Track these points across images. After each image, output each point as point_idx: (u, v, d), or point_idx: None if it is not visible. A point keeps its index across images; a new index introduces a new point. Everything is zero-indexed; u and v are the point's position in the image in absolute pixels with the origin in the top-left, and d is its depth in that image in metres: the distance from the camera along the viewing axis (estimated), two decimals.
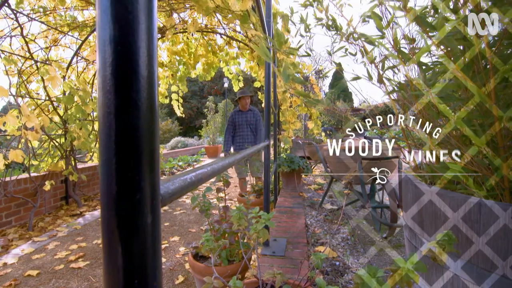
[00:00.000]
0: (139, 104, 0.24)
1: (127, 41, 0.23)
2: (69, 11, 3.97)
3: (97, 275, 2.42)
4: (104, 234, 0.25)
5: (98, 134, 0.25)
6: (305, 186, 5.08)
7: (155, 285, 0.26)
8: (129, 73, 0.23)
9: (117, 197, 0.23)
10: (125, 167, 0.23)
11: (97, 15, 0.23)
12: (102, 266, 0.25)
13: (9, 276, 2.41)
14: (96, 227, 3.55)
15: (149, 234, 0.25)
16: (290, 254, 1.89)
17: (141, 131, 0.24)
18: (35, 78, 3.79)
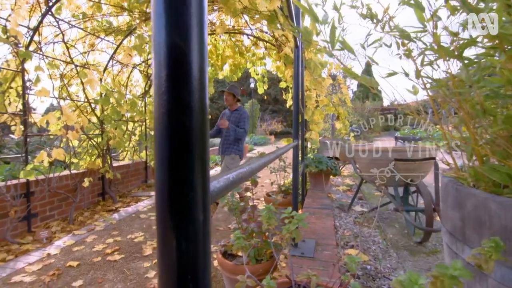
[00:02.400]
0: (192, 105, 0.24)
1: (180, 45, 0.24)
2: (105, 17, 4.20)
3: (131, 268, 2.53)
4: (159, 231, 0.25)
5: (154, 134, 0.25)
6: (333, 187, 4.97)
7: (205, 280, 0.26)
8: (183, 75, 0.24)
9: (172, 196, 0.24)
10: (179, 166, 0.24)
11: (153, 20, 0.24)
12: (157, 261, 0.26)
13: (53, 266, 2.59)
14: (130, 222, 3.72)
15: (201, 231, 0.26)
16: (319, 256, 1.86)
17: (194, 131, 0.25)
18: (75, 81, 4.04)
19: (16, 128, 3.16)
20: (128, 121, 4.85)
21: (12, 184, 3.13)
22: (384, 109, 29.48)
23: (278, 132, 29.94)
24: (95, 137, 4.32)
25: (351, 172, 6.72)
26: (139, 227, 3.54)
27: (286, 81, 5.17)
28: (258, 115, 29.25)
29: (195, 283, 0.25)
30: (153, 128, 1.61)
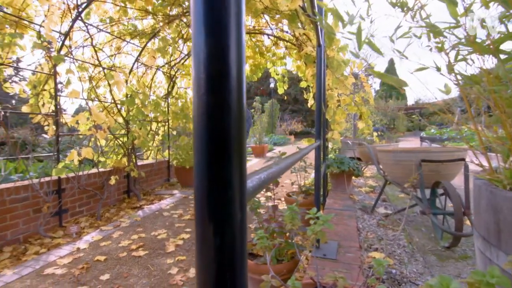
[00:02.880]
0: (231, 105, 0.25)
1: (220, 46, 0.24)
2: (130, 20, 4.34)
3: (155, 264, 2.60)
4: (198, 229, 0.26)
5: (193, 134, 0.26)
6: (356, 188, 4.87)
7: (242, 279, 0.27)
8: (222, 75, 0.24)
9: (211, 194, 0.25)
10: (218, 165, 0.25)
11: (192, 22, 0.25)
12: (196, 259, 0.27)
13: (82, 259, 2.71)
14: (154, 219, 3.82)
15: (238, 230, 0.26)
16: (342, 258, 1.83)
17: (232, 131, 0.25)
18: (103, 83, 4.21)
19: (49, 128, 3.34)
20: (151, 121, 5.00)
21: (45, 181, 3.31)
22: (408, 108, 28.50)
23: (298, 132, 29.71)
24: (121, 137, 4.49)
25: (374, 173, 6.55)
26: (162, 225, 3.64)
27: (306, 81, 5.12)
28: (277, 115, 29.16)
29: (232, 281, 0.25)
30: (175, 128, 1.64)
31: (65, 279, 2.37)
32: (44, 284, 2.28)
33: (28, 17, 3.28)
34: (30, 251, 2.88)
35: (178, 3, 4.07)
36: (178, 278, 2.37)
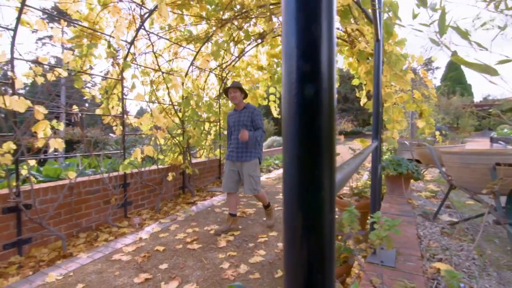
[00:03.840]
0: (322, 106, 0.25)
1: (311, 48, 0.25)
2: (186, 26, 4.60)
3: (208, 258, 2.73)
4: (287, 229, 0.27)
5: (283, 134, 0.27)
6: (415, 192, 4.52)
7: (331, 280, 0.27)
8: (313, 75, 0.25)
9: (303, 195, 0.25)
10: (311, 166, 0.25)
11: (283, 23, 0.26)
12: (284, 258, 0.27)
13: (143, 249, 2.95)
14: (207, 215, 4.01)
15: (328, 232, 0.27)
16: (401, 267, 1.72)
17: (323, 131, 0.25)
18: (162, 86, 4.54)
19: (117, 128, 3.71)
20: (204, 121, 5.24)
21: (113, 176, 3.68)
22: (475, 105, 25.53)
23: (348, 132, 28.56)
24: (177, 136, 4.79)
25: (436, 177, 6.00)
26: (214, 220, 3.79)
27: (359, 78, 4.90)
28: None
29: (323, 282, 0.25)
30: (226, 127, 1.69)
31: (130, 265, 2.60)
32: (112, 269, 2.54)
33: (101, 28, 3.68)
34: (101, 238, 3.22)
35: (230, 7, 4.21)
36: (230, 272, 2.45)
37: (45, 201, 2.95)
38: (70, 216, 3.20)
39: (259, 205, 4.50)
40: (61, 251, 2.87)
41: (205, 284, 2.28)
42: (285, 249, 0.27)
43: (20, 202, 2.69)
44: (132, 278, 2.36)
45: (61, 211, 3.12)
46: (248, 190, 3.34)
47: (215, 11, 4.16)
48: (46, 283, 2.29)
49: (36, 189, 2.88)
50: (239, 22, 4.82)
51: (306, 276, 0.25)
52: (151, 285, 2.26)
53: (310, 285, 0.25)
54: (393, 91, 4.32)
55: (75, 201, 3.25)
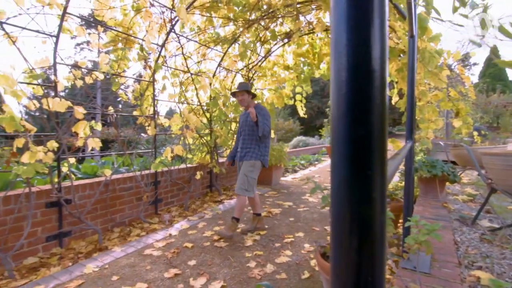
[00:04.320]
0: (373, 105, 0.25)
1: (362, 45, 0.24)
2: (214, 28, 4.69)
3: (235, 256, 2.76)
4: (335, 230, 0.27)
5: (331, 133, 0.27)
6: (450, 195, 4.28)
7: (382, 285, 0.26)
8: (365, 73, 0.24)
9: (354, 196, 0.25)
10: (362, 165, 0.25)
11: (333, 19, 0.26)
12: (331, 261, 0.27)
13: (173, 244, 3.05)
14: (233, 214, 4.05)
15: (379, 234, 0.26)
16: (437, 273, 1.63)
17: (375, 129, 0.25)
18: (191, 87, 4.65)
19: (149, 128, 3.86)
20: (231, 121, 5.31)
21: (145, 174, 3.83)
22: None
23: None
24: (205, 136, 4.89)
25: (474, 179, 5.64)
26: (240, 219, 3.83)
27: (390, 76, 4.72)
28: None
29: (373, 285, 0.25)
30: None
31: (160, 260, 2.70)
32: (144, 263, 2.64)
33: (134, 33, 3.84)
34: (133, 233, 3.37)
35: (257, 8, 4.23)
36: (256, 271, 2.46)
37: (83, 197, 3.14)
38: (105, 211, 3.38)
39: (285, 205, 4.48)
40: (97, 244, 3.04)
41: (232, 282, 2.31)
42: (332, 251, 0.27)
43: (61, 197, 2.88)
44: (163, 273, 2.45)
45: (97, 207, 3.30)
46: (238, 188, 3.24)
47: (242, 12, 4.20)
48: (84, 274, 2.44)
49: (76, 185, 3.08)
50: (265, 22, 4.83)
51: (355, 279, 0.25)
52: (180, 281, 2.33)
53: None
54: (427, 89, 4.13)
55: (110, 197, 3.43)
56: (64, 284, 2.28)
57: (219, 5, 4.10)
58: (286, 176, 7.08)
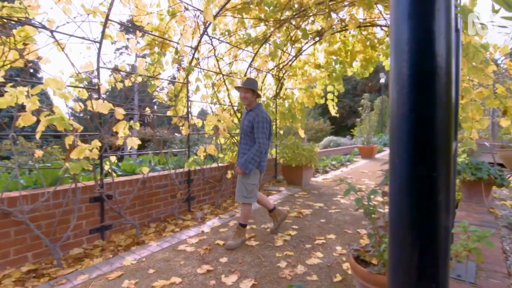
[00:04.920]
0: (439, 104, 0.24)
1: (427, 42, 0.23)
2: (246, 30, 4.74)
3: (265, 255, 2.77)
4: (394, 234, 0.26)
5: (391, 132, 0.26)
6: (497, 200, 3.96)
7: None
8: (429, 71, 0.24)
9: (415, 199, 0.24)
10: (425, 167, 0.24)
11: (393, 16, 0.25)
12: (389, 263, 0.27)
13: (205, 241, 3.13)
14: (263, 213, 4.07)
15: (443, 239, 0.25)
16: (484, 284, 1.52)
17: (440, 129, 0.24)
18: (222, 88, 4.75)
19: (183, 128, 3.99)
20: None
21: (179, 172, 3.97)
22: None
23: None
24: (236, 136, 4.96)
25: None
26: (270, 219, 3.83)
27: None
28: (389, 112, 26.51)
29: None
30: (283, 127, 1.67)
31: (193, 256, 2.78)
32: (178, 258, 2.74)
33: (169, 37, 4.00)
34: (168, 229, 3.50)
35: (288, 7, 4.21)
36: (287, 272, 2.45)
37: (122, 193, 3.33)
38: (142, 207, 3.55)
39: (316, 206, 4.42)
40: (135, 238, 3.20)
41: (263, 281, 2.32)
42: (391, 255, 0.26)
43: (103, 193, 3.08)
44: (196, 269, 2.52)
45: (135, 202, 3.48)
46: (238, 196, 3.12)
47: (273, 12, 4.20)
48: (123, 266, 2.58)
49: (116, 182, 3.27)
50: (297, 21, 4.79)
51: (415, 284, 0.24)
52: (213, 277, 2.39)
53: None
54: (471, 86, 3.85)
55: (147, 194, 3.59)
56: (106, 275, 2.43)
57: (250, 6, 4.13)
58: (316, 177, 6.97)
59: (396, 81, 0.25)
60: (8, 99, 2.26)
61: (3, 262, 2.46)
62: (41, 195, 2.66)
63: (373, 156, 11.33)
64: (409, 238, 0.25)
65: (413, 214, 0.25)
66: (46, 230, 2.69)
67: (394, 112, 0.25)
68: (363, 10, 4.59)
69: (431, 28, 0.23)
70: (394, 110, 0.25)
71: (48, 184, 3.07)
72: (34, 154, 2.73)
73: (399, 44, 0.24)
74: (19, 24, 2.64)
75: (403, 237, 0.25)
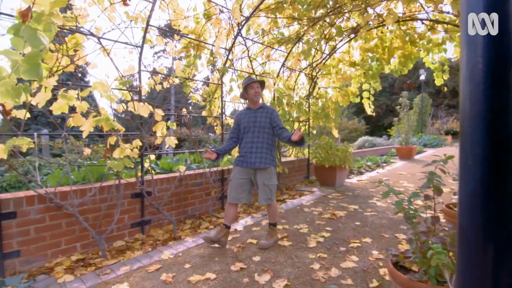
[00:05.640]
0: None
1: (503, 37, 0.22)
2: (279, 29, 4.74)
3: (298, 256, 2.75)
4: (463, 240, 0.25)
5: (461, 132, 0.25)
6: None
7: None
8: (505, 69, 0.22)
9: (489, 203, 0.23)
10: (501, 170, 0.23)
11: (463, 10, 0.24)
12: (456, 271, 0.26)
13: (238, 239, 3.18)
14: (296, 213, 4.05)
15: None
16: None
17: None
18: None
19: (217, 128, 4.09)
20: (294, 121, 5.30)
21: (213, 171, 4.08)
22: None
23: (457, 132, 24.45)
24: None
25: None
26: (303, 219, 3.80)
27: None
28: (429, 111, 24.96)
29: None
30: (316, 127, 1.64)
31: (227, 253, 2.84)
32: (212, 254, 2.81)
33: (204, 39, 4.12)
34: (203, 226, 3.61)
35: (322, 5, 4.13)
36: (321, 274, 2.41)
37: (161, 190, 3.49)
38: (179, 204, 3.70)
39: (350, 208, 4.30)
40: (172, 234, 3.34)
41: (296, 282, 2.31)
42: (460, 261, 0.25)
43: (143, 190, 3.25)
44: (229, 266, 2.57)
45: (172, 199, 3.63)
46: (263, 200, 2.97)
47: (307, 10, 4.16)
48: (162, 260, 2.70)
49: (155, 179, 3.43)
50: (331, 19, 4.69)
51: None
52: (246, 275, 2.42)
53: None
54: None
55: (183, 191, 3.73)
56: (146, 267, 2.56)
57: (284, 5, 4.12)
58: (351, 178, 6.77)
59: (469, 77, 0.24)
60: (62, 104, 2.47)
61: (55, 251, 2.70)
62: (89, 190, 2.87)
63: (412, 157, 10.75)
64: (483, 244, 0.23)
65: (488, 219, 0.23)
66: (93, 223, 2.91)
67: (467, 111, 0.24)
68: (402, 4, 4.38)
69: (507, 19, 0.22)
70: (466, 108, 0.24)
71: (95, 180, 3.30)
72: (83, 152, 2.95)
73: (471, 37, 0.23)
74: (70, 32, 2.87)
75: (476, 242, 0.24)
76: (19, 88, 1.34)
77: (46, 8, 1.42)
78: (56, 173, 3.96)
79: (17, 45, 1.30)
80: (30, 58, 1.30)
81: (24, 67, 1.29)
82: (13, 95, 1.33)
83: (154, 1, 3.14)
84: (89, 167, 3.17)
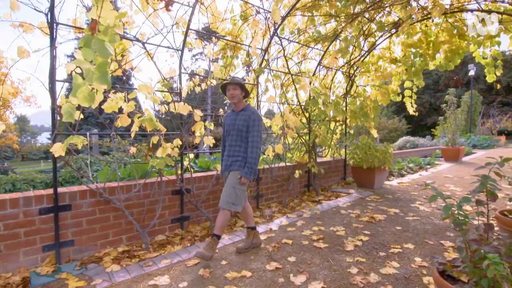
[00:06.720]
0: None
1: None
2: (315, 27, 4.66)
3: (335, 259, 2.69)
4: None
5: None
6: None
7: None
8: None
9: None
10: None
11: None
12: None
13: (273, 239, 3.19)
14: (332, 215, 3.96)
15: None
16: None
17: None
18: (291, 88, 4.77)
19: None
20: (330, 120, 5.19)
21: None
22: None
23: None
24: (304, 135, 4.93)
25: None
26: (340, 222, 3.71)
27: None
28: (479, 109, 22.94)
29: None
30: (353, 126, 1.60)
31: (262, 252, 2.86)
32: (248, 252, 2.85)
33: (241, 40, 4.18)
34: (238, 224, 3.68)
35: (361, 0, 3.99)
36: (359, 279, 2.34)
37: (199, 188, 3.61)
38: (215, 202, 3.80)
39: (390, 211, 4.11)
40: (209, 230, 3.45)
41: (333, 285, 2.26)
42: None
43: (183, 187, 3.39)
44: (265, 265, 2.59)
45: (209, 197, 3.74)
46: (224, 202, 2.77)
47: (345, 6, 4.04)
48: None
49: (194, 177, 3.56)
50: (370, 14, 4.51)
51: None
52: (281, 275, 2.42)
53: None
54: None
55: (220, 190, 3.83)
56: (185, 261, 2.67)
57: (321, 3, 4.05)
58: (391, 180, 6.46)
59: None
60: (112, 104, 2.67)
61: (104, 242, 2.91)
62: (134, 186, 3.06)
63: (459, 159, 9.98)
64: None
65: None
66: (137, 217, 3.10)
67: None
68: None
69: None
70: None
71: (139, 177, 3.52)
72: (129, 150, 3.16)
73: None
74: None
75: None
76: (93, 93, 1.51)
77: (111, 21, 1.57)
78: (105, 170, 4.28)
79: (87, 55, 1.46)
80: (100, 67, 1.47)
81: (96, 75, 1.46)
82: (89, 100, 1.50)
83: (194, 6, 3.25)
84: (134, 165, 3.38)
